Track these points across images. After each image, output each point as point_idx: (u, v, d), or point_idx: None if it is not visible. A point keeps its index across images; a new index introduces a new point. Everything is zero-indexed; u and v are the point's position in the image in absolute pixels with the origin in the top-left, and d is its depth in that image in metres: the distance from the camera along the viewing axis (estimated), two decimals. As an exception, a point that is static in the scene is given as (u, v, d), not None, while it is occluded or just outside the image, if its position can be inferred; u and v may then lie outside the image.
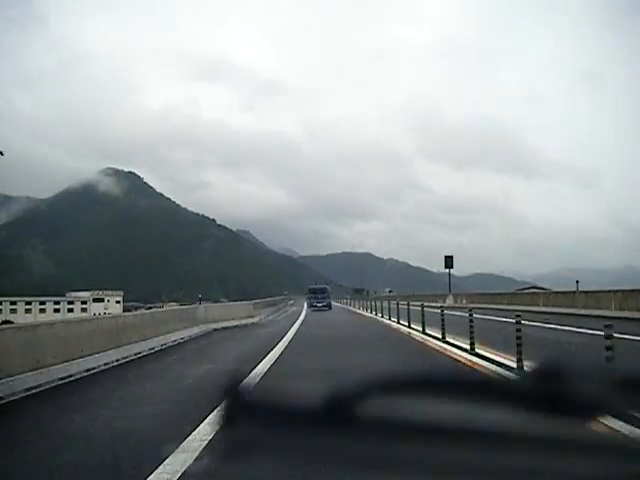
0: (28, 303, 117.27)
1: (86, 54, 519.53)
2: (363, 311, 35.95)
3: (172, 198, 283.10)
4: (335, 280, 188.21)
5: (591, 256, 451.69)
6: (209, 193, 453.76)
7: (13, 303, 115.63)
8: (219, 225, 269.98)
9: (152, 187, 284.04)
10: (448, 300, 41.16)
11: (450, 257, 45.24)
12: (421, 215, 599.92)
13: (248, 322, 22.68)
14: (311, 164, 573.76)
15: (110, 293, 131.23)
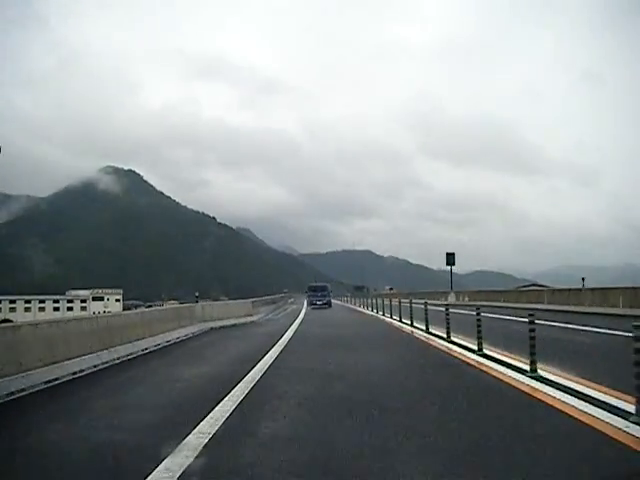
0: (27, 302, 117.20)
1: (86, 53, 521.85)
2: (364, 309, 35.55)
3: (172, 196, 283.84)
4: (335, 278, 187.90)
5: (591, 253, 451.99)
6: (209, 191, 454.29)
7: (12, 302, 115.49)
8: (219, 223, 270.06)
9: (152, 185, 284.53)
10: (450, 298, 40.67)
11: (452, 254, 44.60)
12: (421, 213, 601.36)
13: (247, 321, 22.33)
14: (311, 162, 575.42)
15: (110, 291, 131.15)
